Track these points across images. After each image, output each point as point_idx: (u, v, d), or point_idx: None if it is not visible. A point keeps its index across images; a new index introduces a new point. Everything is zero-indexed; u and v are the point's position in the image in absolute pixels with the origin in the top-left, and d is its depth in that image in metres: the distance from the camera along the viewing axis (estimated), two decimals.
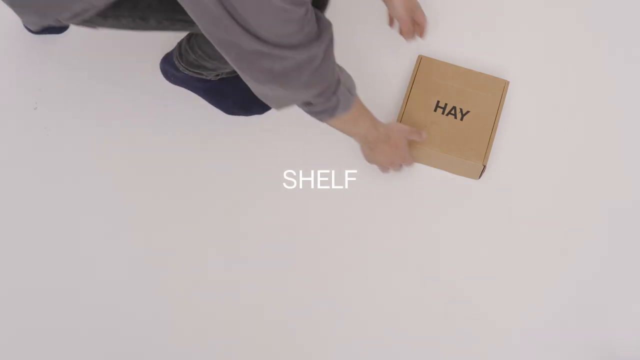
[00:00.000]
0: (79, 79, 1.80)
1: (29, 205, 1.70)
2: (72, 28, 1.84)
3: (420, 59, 1.77)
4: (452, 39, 1.87)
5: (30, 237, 1.67)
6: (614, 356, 1.60)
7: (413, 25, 1.71)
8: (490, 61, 1.84)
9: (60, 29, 1.83)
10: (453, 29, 1.89)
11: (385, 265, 1.66)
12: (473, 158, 1.67)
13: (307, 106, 1.36)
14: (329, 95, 1.33)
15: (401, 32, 1.70)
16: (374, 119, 1.53)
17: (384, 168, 1.69)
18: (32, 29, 1.51)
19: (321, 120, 1.41)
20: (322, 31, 1.22)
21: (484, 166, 1.66)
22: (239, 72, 1.25)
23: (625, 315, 1.63)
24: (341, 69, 1.38)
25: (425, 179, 1.73)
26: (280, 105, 1.35)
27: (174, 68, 1.72)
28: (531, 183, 1.73)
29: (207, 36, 1.17)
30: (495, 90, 1.73)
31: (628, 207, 1.72)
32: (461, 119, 1.71)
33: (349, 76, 1.41)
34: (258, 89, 1.29)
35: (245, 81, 1.28)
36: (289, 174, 1.73)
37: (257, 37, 1.13)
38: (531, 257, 1.67)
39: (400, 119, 1.71)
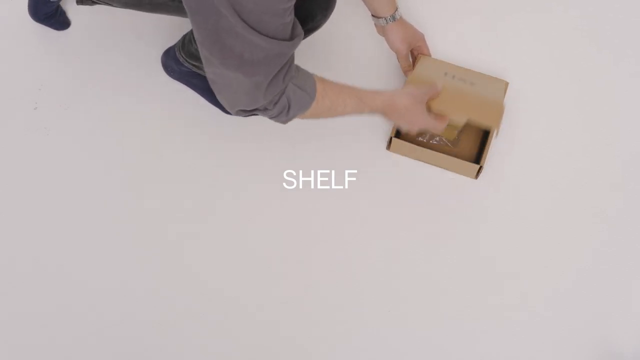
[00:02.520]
0: (79, 79, 1.80)
1: (29, 205, 1.70)
2: (73, 26, 1.84)
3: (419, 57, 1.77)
4: (452, 39, 1.87)
5: (30, 237, 1.67)
6: (614, 356, 1.60)
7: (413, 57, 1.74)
8: (490, 61, 1.84)
9: (61, 25, 1.83)
10: (453, 30, 1.89)
11: (384, 265, 1.66)
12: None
13: (264, 112, 1.34)
14: (278, 99, 1.32)
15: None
16: (362, 95, 1.47)
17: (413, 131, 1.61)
18: None
19: (284, 122, 1.39)
20: (295, 36, 1.23)
21: (481, 166, 1.66)
22: (207, 54, 1.23)
23: (626, 315, 1.63)
24: (298, 68, 1.37)
25: (424, 179, 1.73)
26: (235, 104, 1.32)
27: (175, 61, 1.72)
28: (530, 183, 1.73)
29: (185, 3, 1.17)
30: (497, 87, 1.72)
31: (628, 207, 1.71)
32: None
33: (305, 73, 1.39)
34: (220, 73, 1.26)
35: (206, 68, 1.26)
36: (289, 174, 1.73)
37: (239, 16, 1.13)
38: (531, 257, 1.67)
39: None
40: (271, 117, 1.36)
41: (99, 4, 1.52)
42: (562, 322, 1.62)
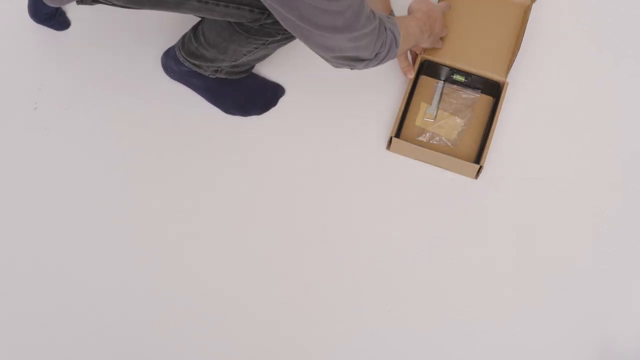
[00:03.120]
0: (79, 79, 1.80)
1: (29, 205, 1.70)
2: (73, 27, 1.83)
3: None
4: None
5: (30, 237, 1.67)
6: (614, 355, 1.60)
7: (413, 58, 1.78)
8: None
9: (61, 25, 1.83)
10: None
11: (384, 265, 1.66)
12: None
13: (377, 58, 1.39)
14: (384, 32, 1.38)
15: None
16: (404, 18, 1.58)
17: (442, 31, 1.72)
18: (53, 5, 1.53)
19: (393, 57, 1.45)
20: None
21: (481, 166, 1.66)
22: (298, 36, 1.28)
23: (626, 315, 1.63)
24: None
25: (425, 179, 1.73)
26: (344, 55, 1.35)
27: (175, 61, 1.72)
28: (530, 183, 1.73)
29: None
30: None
31: (628, 207, 1.71)
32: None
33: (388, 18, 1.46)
34: (322, 43, 1.30)
35: (306, 42, 1.31)
36: (289, 174, 1.73)
37: None
38: (531, 257, 1.67)
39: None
40: (383, 61, 1.42)
41: (99, 3, 1.52)
42: (562, 322, 1.62)
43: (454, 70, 1.75)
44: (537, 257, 1.67)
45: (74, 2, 1.59)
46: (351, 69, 1.41)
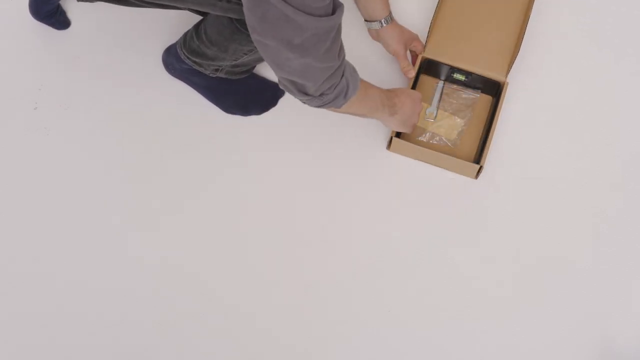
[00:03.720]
0: (79, 79, 1.80)
1: (29, 205, 1.70)
2: (73, 26, 1.83)
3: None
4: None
5: (30, 237, 1.67)
6: (614, 355, 1.60)
7: (412, 57, 1.76)
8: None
9: (61, 24, 1.83)
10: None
11: (384, 265, 1.66)
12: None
13: (321, 98, 1.33)
14: (339, 77, 1.32)
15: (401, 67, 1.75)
16: (381, 90, 1.53)
17: (415, 119, 1.65)
18: None
19: (338, 106, 1.38)
20: (336, 7, 1.22)
21: (481, 166, 1.66)
22: (258, 39, 1.22)
23: (626, 315, 1.63)
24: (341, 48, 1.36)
25: (425, 179, 1.73)
26: (290, 78, 1.30)
27: (176, 59, 1.72)
28: (530, 183, 1.73)
29: None
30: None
31: (628, 207, 1.71)
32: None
33: (349, 64, 1.39)
34: (276, 56, 1.24)
35: (262, 50, 1.25)
36: (289, 174, 1.73)
37: (285, 1, 1.12)
38: (531, 257, 1.67)
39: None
40: (325, 104, 1.35)
41: (99, 0, 1.52)
42: (562, 322, 1.62)
43: (454, 69, 1.74)
44: (537, 257, 1.67)
45: (74, 2, 1.60)
46: (294, 96, 1.34)
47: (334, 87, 1.32)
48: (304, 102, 1.35)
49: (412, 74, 1.73)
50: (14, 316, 1.61)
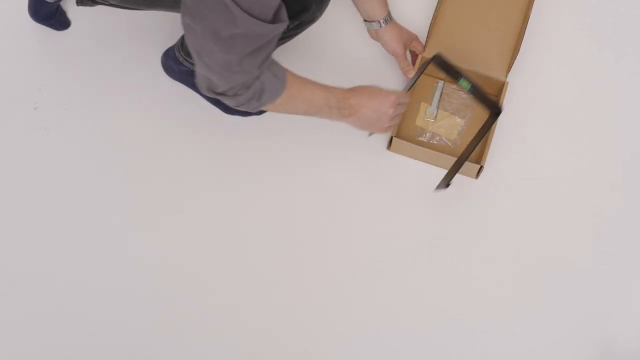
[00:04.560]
0: (79, 79, 1.80)
1: (29, 205, 1.70)
2: (73, 26, 1.83)
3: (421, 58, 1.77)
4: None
5: (30, 237, 1.67)
6: (614, 355, 1.60)
7: (411, 57, 1.76)
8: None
9: (61, 25, 1.83)
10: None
11: (384, 265, 1.66)
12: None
13: (235, 98, 1.32)
14: (255, 80, 1.30)
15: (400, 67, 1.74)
16: (323, 85, 1.45)
17: (386, 122, 1.53)
18: (50, 0, 1.51)
19: (253, 109, 1.36)
20: (278, 21, 1.21)
21: (481, 166, 1.66)
22: (189, 22, 1.20)
23: (626, 315, 1.63)
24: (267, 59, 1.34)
25: (425, 179, 1.73)
26: (206, 74, 1.29)
27: (174, 61, 1.72)
28: (530, 183, 1.73)
29: None
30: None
31: (628, 207, 1.71)
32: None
33: (277, 63, 1.36)
34: (200, 42, 1.23)
35: (188, 33, 1.23)
36: (290, 174, 1.73)
37: None
38: (531, 257, 1.67)
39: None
40: (239, 105, 1.33)
41: (98, 4, 1.52)
42: (562, 322, 1.62)
43: (461, 75, 1.68)
44: (537, 257, 1.67)
45: (74, 3, 1.60)
46: (203, 92, 1.33)
47: (246, 89, 1.30)
48: (217, 96, 1.32)
49: (412, 74, 1.73)
50: (14, 316, 1.61)
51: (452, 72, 1.69)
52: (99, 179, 1.72)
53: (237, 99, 1.32)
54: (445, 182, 1.58)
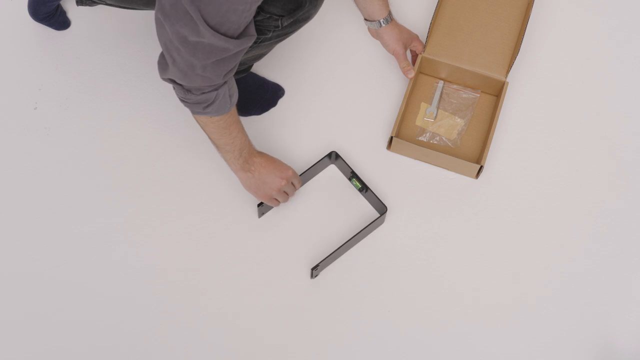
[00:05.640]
0: (79, 79, 1.80)
1: (29, 205, 1.70)
2: (73, 26, 1.83)
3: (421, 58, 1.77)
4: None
5: (29, 237, 1.67)
6: (613, 355, 1.60)
7: (412, 57, 1.76)
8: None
9: (61, 25, 1.83)
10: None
11: (384, 265, 1.66)
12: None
13: (186, 93, 1.35)
14: (211, 89, 1.33)
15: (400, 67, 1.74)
16: (248, 140, 1.52)
17: (271, 191, 1.59)
18: None
19: (193, 111, 1.40)
20: (244, 36, 1.25)
21: (482, 166, 1.66)
22: (161, 19, 1.24)
23: (626, 315, 1.63)
24: (231, 79, 1.39)
25: (425, 179, 1.73)
26: (166, 71, 1.32)
27: None
28: (530, 182, 1.73)
29: None
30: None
31: (628, 207, 1.71)
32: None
33: (236, 88, 1.41)
34: (168, 39, 1.26)
35: (157, 29, 1.27)
36: (288, 173, 1.72)
37: (193, 2, 1.15)
38: (531, 256, 1.67)
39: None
40: (185, 101, 1.37)
41: (98, 4, 1.52)
42: (562, 321, 1.62)
43: (354, 175, 1.69)
44: (537, 256, 1.67)
45: (74, 2, 1.60)
46: (161, 75, 1.35)
47: (200, 92, 1.33)
48: (178, 94, 1.37)
49: (412, 73, 1.73)
50: (14, 316, 1.61)
51: (346, 171, 1.71)
52: (98, 179, 1.72)
53: (186, 95, 1.35)
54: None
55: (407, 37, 1.73)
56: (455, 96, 1.78)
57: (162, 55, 1.32)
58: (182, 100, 1.38)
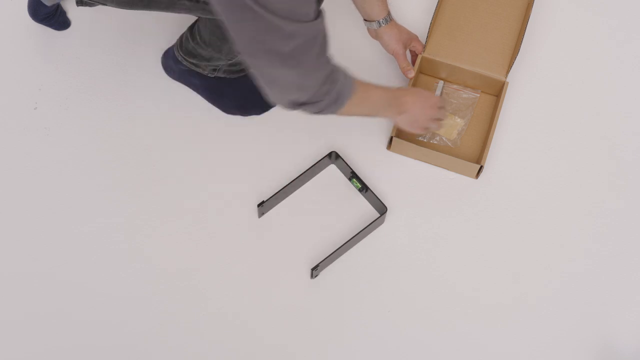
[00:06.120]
0: (79, 79, 1.80)
1: (28, 205, 1.70)
2: (73, 27, 1.84)
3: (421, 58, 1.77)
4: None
5: (29, 237, 1.67)
6: (613, 355, 1.60)
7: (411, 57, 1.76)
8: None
9: (61, 25, 1.83)
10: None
11: (384, 265, 1.66)
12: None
13: (314, 105, 1.33)
14: (333, 82, 1.31)
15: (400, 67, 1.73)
16: (378, 85, 1.49)
17: (426, 122, 1.60)
18: (47, 3, 1.53)
19: (333, 112, 1.37)
20: (320, 11, 1.23)
21: (482, 166, 1.66)
22: (248, 60, 1.24)
23: (626, 315, 1.63)
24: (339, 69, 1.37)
25: (425, 179, 1.73)
26: (284, 94, 1.31)
27: (174, 61, 1.72)
28: (531, 182, 1.73)
29: (221, 16, 1.18)
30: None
31: (628, 207, 1.71)
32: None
33: (344, 70, 1.38)
34: (268, 73, 1.26)
35: (253, 69, 1.26)
36: (290, 173, 1.73)
37: (269, 10, 1.13)
38: (531, 256, 1.67)
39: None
40: (320, 111, 1.35)
41: (98, 4, 1.52)
42: (562, 321, 1.62)
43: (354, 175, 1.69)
44: (537, 256, 1.67)
45: (74, 3, 1.60)
46: (290, 107, 1.34)
47: (328, 94, 1.31)
48: (309, 112, 1.34)
49: (412, 73, 1.73)
50: (14, 316, 1.61)
51: (346, 171, 1.71)
52: (98, 179, 1.72)
53: (319, 105, 1.33)
54: None
55: (407, 37, 1.73)
56: (455, 96, 1.78)
57: (273, 96, 1.31)
58: (317, 114, 1.36)
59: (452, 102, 1.77)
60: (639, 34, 1.88)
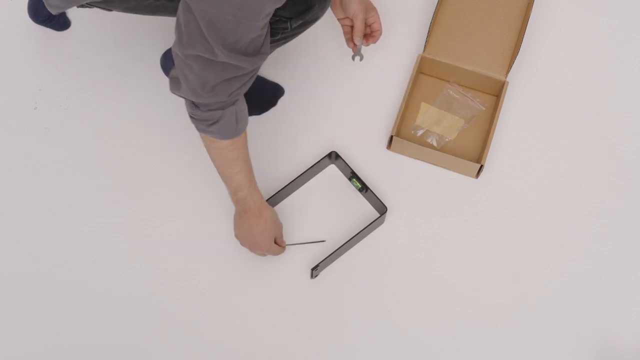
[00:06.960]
0: (79, 79, 1.80)
1: (28, 205, 1.70)
2: (73, 27, 1.84)
3: (420, 58, 1.77)
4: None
5: (29, 237, 1.67)
6: (613, 355, 1.60)
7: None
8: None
9: (61, 25, 1.83)
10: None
11: (384, 265, 1.66)
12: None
13: (194, 109, 1.36)
14: (217, 107, 1.34)
15: (351, 32, 1.58)
16: (253, 181, 1.51)
17: (252, 250, 1.61)
18: (53, 12, 1.54)
19: (198, 128, 1.40)
20: (258, 53, 1.26)
21: (482, 166, 1.67)
22: (176, 35, 1.26)
23: (626, 315, 1.63)
24: (242, 103, 1.39)
25: (425, 178, 1.73)
26: (177, 87, 1.35)
27: (172, 61, 1.72)
28: (531, 182, 1.73)
29: None
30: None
31: (628, 207, 1.71)
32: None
33: (246, 116, 1.41)
34: (181, 55, 1.28)
35: (174, 47, 1.29)
36: (289, 172, 1.73)
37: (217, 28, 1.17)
38: (531, 256, 1.67)
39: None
40: (193, 116, 1.38)
41: (99, 7, 1.52)
42: (562, 321, 1.62)
43: (354, 175, 1.69)
44: (537, 256, 1.67)
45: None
46: (172, 90, 1.38)
47: (206, 109, 1.34)
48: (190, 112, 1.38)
49: (359, 41, 1.58)
50: (14, 316, 1.61)
51: (346, 171, 1.71)
52: (98, 179, 1.72)
53: (194, 110, 1.36)
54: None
55: (368, 3, 1.59)
56: (457, 98, 1.78)
57: (174, 71, 1.33)
58: (190, 116, 1.39)
59: (452, 102, 1.77)
60: (639, 34, 1.88)
